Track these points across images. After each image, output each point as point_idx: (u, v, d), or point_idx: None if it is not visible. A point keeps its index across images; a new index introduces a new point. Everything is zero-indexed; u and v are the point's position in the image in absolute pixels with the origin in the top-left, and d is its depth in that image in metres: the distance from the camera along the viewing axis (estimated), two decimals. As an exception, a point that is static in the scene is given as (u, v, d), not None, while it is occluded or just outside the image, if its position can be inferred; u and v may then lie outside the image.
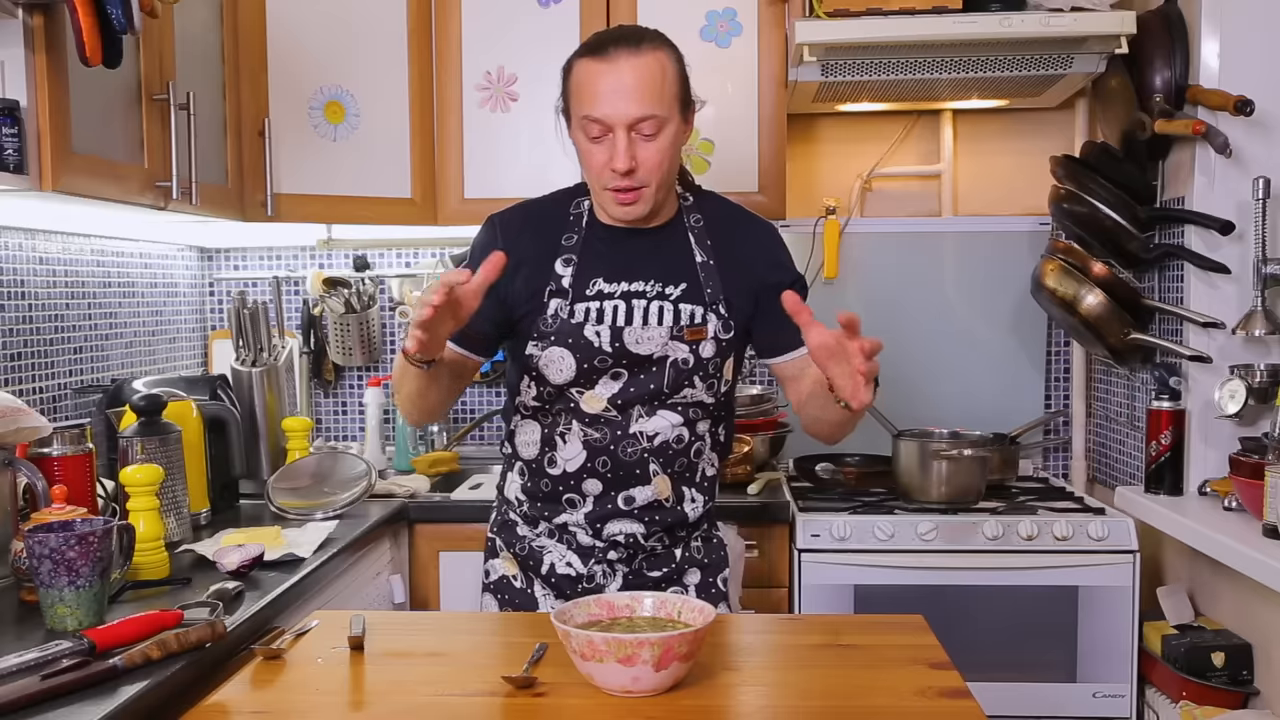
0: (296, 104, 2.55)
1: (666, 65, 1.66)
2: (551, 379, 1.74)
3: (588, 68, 1.66)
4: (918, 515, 2.44)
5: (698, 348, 1.74)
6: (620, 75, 1.62)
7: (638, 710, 1.25)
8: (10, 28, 1.63)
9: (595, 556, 1.81)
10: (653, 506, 1.78)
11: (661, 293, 1.74)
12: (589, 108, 1.64)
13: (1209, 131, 2.25)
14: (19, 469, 1.80)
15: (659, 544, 1.82)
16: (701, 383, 1.76)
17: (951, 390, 3.00)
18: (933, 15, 2.47)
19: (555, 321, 1.72)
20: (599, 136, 1.66)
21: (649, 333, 1.72)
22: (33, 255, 2.31)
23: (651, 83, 1.63)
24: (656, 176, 1.67)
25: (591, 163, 1.69)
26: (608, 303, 1.73)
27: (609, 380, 1.73)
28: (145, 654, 1.37)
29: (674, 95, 1.67)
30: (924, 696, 1.28)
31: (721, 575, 1.88)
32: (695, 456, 1.80)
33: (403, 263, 3.14)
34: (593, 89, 1.64)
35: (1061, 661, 2.39)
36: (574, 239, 1.77)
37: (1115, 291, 2.53)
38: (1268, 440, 2.02)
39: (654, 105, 1.63)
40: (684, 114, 1.71)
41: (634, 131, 1.64)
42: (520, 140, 2.74)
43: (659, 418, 1.75)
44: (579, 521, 1.79)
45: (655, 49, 1.66)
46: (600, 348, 1.71)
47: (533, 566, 1.84)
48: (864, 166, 3.09)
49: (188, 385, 2.39)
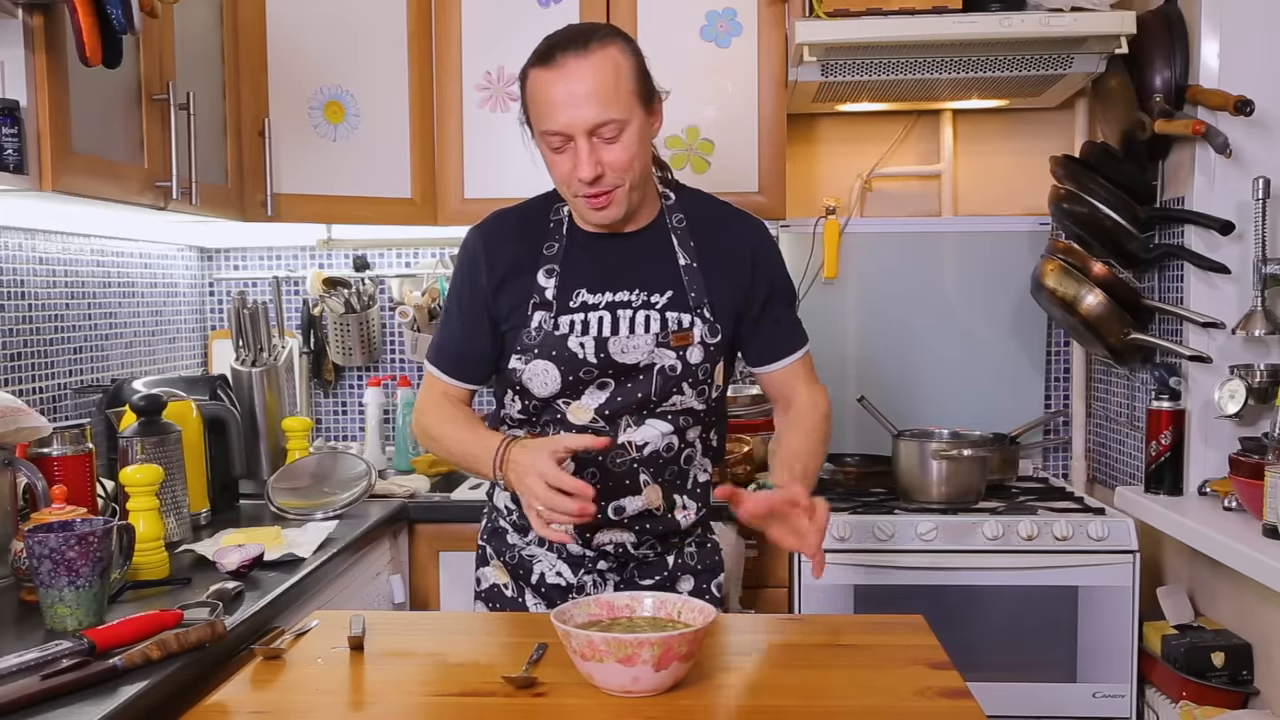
0: (296, 104, 2.55)
1: (620, 62, 1.59)
2: (536, 392, 1.70)
3: (538, 78, 1.61)
4: (918, 515, 2.44)
5: (685, 353, 1.70)
6: (570, 82, 1.56)
7: (638, 710, 1.25)
8: (10, 28, 1.63)
9: (585, 566, 1.78)
10: (643, 516, 1.74)
11: (647, 301, 1.70)
12: (545, 121, 1.60)
13: (1209, 131, 2.25)
14: (19, 469, 1.80)
15: (650, 551, 1.78)
16: (691, 389, 1.72)
17: (951, 390, 3.00)
18: (933, 15, 2.47)
19: (539, 334, 1.69)
20: (560, 147, 1.61)
21: (635, 341, 1.68)
22: (33, 255, 2.31)
23: (604, 85, 1.56)
24: (627, 176, 1.62)
25: (557, 173, 1.65)
26: (592, 314, 1.69)
27: (595, 390, 1.70)
28: (145, 654, 1.37)
29: (631, 92, 1.59)
30: (924, 696, 1.28)
31: (715, 581, 1.85)
32: (686, 464, 1.77)
33: (403, 263, 3.14)
34: (546, 99, 1.59)
35: (1061, 661, 2.39)
36: (555, 248, 1.73)
37: (1115, 291, 2.53)
38: (1268, 440, 2.02)
39: (609, 108, 1.57)
40: (647, 108, 1.63)
41: (595, 137, 1.58)
42: (520, 140, 2.73)
43: (648, 427, 1.71)
44: (568, 531, 1.74)
45: (605, 46, 1.59)
46: (585, 359, 1.67)
47: (523, 575, 1.81)
48: (864, 166, 3.09)
49: (188, 385, 2.39)
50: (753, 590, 2.39)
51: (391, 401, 3.01)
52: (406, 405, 2.92)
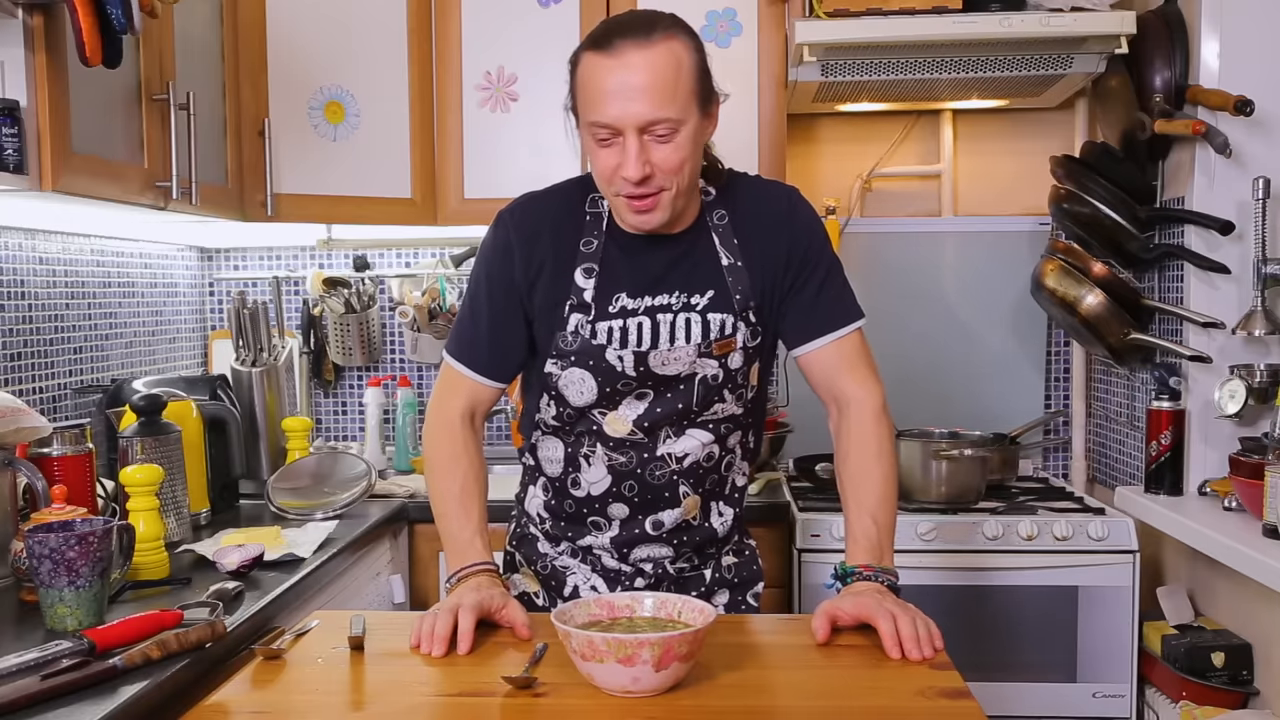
0: (296, 104, 2.55)
1: (682, 57, 1.46)
2: (572, 401, 1.62)
3: (592, 63, 1.47)
4: (918, 515, 2.44)
5: (726, 360, 1.60)
6: (627, 73, 1.43)
7: (638, 710, 1.25)
8: (10, 28, 1.63)
9: (622, 583, 1.70)
10: (680, 528, 1.67)
11: (687, 303, 1.59)
12: (595, 111, 1.46)
13: (1209, 131, 2.25)
14: (19, 469, 1.80)
15: (687, 564, 1.71)
16: (731, 394, 1.63)
17: (951, 390, 3.00)
18: (933, 15, 2.47)
19: (576, 340, 1.59)
20: (608, 141, 1.47)
21: (675, 353, 1.58)
22: (33, 255, 2.31)
23: (663, 80, 1.44)
24: (676, 180, 1.49)
25: (601, 167, 1.51)
26: (631, 320, 1.58)
27: (633, 401, 1.61)
28: (145, 654, 1.37)
29: (690, 91, 1.47)
30: (924, 696, 1.28)
31: (753, 591, 1.76)
32: (726, 470, 1.69)
33: (403, 263, 3.14)
34: (598, 89, 1.45)
35: (1061, 661, 2.39)
36: (594, 245, 1.60)
37: (1115, 291, 2.53)
38: (1268, 440, 2.02)
39: (666, 106, 1.44)
40: (704, 109, 1.51)
41: (646, 134, 1.45)
42: (520, 140, 2.74)
43: (688, 438, 1.63)
44: (604, 545, 1.68)
45: (668, 38, 1.46)
46: (624, 372, 1.58)
47: (555, 587, 1.73)
48: (864, 166, 3.09)
49: (188, 385, 2.39)
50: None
51: (391, 401, 3.01)
52: (407, 405, 2.92)
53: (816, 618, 1.47)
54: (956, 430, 2.68)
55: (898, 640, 1.39)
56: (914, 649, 1.38)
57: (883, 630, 1.41)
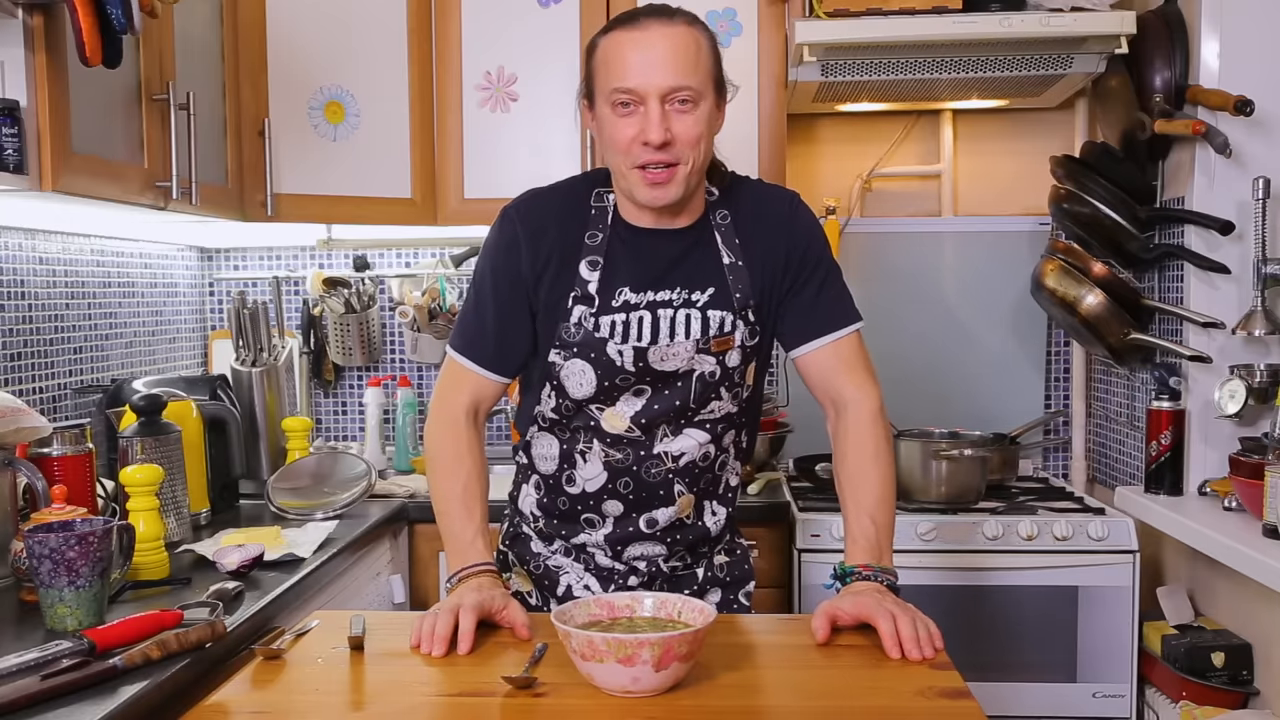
0: (296, 104, 2.55)
1: (701, 41, 1.55)
2: (571, 393, 1.63)
3: (617, 38, 1.54)
4: (918, 515, 2.44)
5: (724, 358, 1.63)
6: (653, 44, 1.51)
7: (638, 710, 1.25)
8: (10, 28, 1.63)
9: (615, 581, 1.71)
10: (674, 526, 1.69)
11: (688, 299, 1.62)
12: (619, 79, 1.52)
13: (1209, 131, 2.25)
14: (19, 469, 1.80)
15: (680, 563, 1.73)
16: (727, 393, 1.65)
17: (951, 390, 3.00)
18: (933, 15, 2.47)
19: (579, 331, 1.61)
20: (630, 108, 1.52)
21: (674, 349, 1.60)
22: (33, 255, 2.31)
23: (686, 52, 1.51)
24: (693, 155, 1.53)
25: (620, 137, 1.54)
26: (633, 314, 1.61)
27: (631, 397, 1.63)
28: (145, 654, 1.37)
29: (708, 71, 1.55)
30: (924, 696, 1.28)
31: (744, 590, 1.79)
32: (720, 470, 1.72)
33: (403, 263, 3.14)
34: (623, 59, 1.52)
35: (1061, 661, 2.39)
36: (599, 238, 1.63)
37: (1115, 291, 2.53)
38: (1268, 440, 2.02)
39: (688, 76, 1.51)
40: (718, 96, 1.58)
41: (667, 103, 1.51)
42: (520, 140, 2.74)
43: (685, 436, 1.65)
44: (598, 543, 1.69)
45: (690, 24, 1.55)
46: (623, 366, 1.60)
47: (548, 586, 1.74)
48: (864, 166, 3.09)
49: (188, 385, 2.39)
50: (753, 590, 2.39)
51: (391, 401, 3.01)
52: (407, 405, 2.92)
53: (816, 618, 1.47)
54: (956, 430, 2.68)
55: (897, 640, 1.40)
56: (914, 649, 1.39)
57: (882, 630, 1.42)
